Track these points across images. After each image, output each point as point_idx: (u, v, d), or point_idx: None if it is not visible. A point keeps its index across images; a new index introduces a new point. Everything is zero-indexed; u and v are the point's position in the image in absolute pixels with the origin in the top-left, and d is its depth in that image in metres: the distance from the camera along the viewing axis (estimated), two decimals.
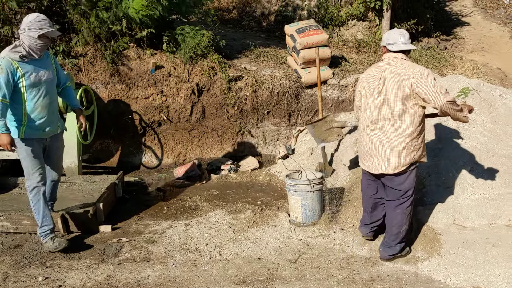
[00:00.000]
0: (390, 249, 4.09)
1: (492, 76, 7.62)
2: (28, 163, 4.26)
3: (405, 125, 3.81)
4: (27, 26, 4.01)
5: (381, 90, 3.86)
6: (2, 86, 3.97)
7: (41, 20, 4.05)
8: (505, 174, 4.84)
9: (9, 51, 4.08)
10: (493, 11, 10.63)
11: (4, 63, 4.01)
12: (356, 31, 8.52)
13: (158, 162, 6.74)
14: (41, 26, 4.03)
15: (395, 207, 4.03)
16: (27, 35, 4.02)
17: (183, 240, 4.56)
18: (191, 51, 6.56)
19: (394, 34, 3.91)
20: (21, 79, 4.07)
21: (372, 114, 3.93)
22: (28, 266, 4.12)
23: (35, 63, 4.16)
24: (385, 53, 3.99)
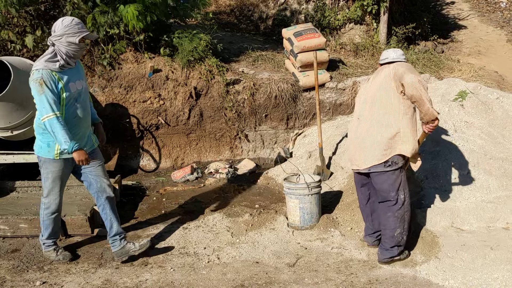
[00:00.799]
0: (387, 252, 4.08)
1: (489, 79, 7.64)
2: (49, 185, 4.07)
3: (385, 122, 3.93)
4: (65, 32, 3.74)
5: (366, 90, 4.09)
6: (51, 100, 3.68)
7: (78, 23, 3.80)
8: (503, 177, 4.85)
9: (46, 61, 3.78)
10: (490, 15, 10.68)
11: (45, 76, 3.70)
12: (353, 34, 8.54)
13: (156, 166, 6.73)
14: (80, 30, 3.79)
15: (386, 210, 4.02)
16: (64, 41, 3.76)
17: (181, 244, 4.55)
18: (189, 55, 6.57)
19: (387, 52, 4.11)
20: (62, 91, 3.79)
21: (357, 111, 4.15)
22: (26, 270, 4.10)
23: (71, 72, 3.91)
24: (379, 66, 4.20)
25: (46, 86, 3.68)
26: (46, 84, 3.68)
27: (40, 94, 3.68)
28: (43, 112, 3.70)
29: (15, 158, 5.80)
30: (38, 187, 5.55)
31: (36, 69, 3.75)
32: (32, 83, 3.72)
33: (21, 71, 5.37)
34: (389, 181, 3.94)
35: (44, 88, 3.68)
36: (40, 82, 3.68)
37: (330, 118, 7.02)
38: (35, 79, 3.71)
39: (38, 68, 3.75)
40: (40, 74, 3.71)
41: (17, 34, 6.21)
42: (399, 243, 4.06)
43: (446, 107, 5.60)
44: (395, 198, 3.96)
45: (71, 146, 3.74)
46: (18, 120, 5.52)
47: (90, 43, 6.44)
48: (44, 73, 3.71)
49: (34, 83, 3.71)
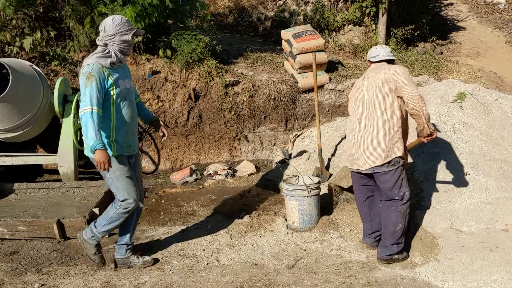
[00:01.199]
0: (386, 249, 4.10)
1: (488, 80, 7.65)
2: (123, 182, 3.88)
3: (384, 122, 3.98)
4: (118, 30, 3.71)
5: (363, 90, 4.09)
6: (95, 94, 3.59)
7: (127, 21, 3.78)
8: (502, 178, 4.85)
9: (98, 57, 3.73)
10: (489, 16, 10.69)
11: (94, 70, 3.65)
12: (352, 36, 8.54)
13: (155, 168, 6.73)
14: (130, 27, 3.77)
15: (389, 205, 4.07)
16: (118, 40, 3.72)
17: (180, 246, 4.54)
18: (188, 57, 6.57)
19: (376, 49, 4.18)
20: (112, 87, 3.73)
21: (356, 112, 4.14)
22: (24, 273, 4.09)
23: (120, 70, 3.85)
24: (369, 66, 4.25)
25: (93, 80, 3.61)
26: (94, 78, 3.62)
27: (86, 87, 3.61)
28: (82, 104, 3.62)
29: (14, 160, 5.80)
30: (37, 189, 5.54)
31: (87, 64, 3.70)
32: (81, 77, 3.67)
33: (19, 73, 5.37)
34: (393, 180, 4.00)
35: (91, 82, 3.61)
36: (88, 76, 3.61)
37: (329, 120, 7.02)
38: (84, 72, 3.66)
39: (88, 63, 3.70)
40: (90, 68, 3.66)
41: (15, 36, 6.21)
42: (399, 240, 4.08)
43: (445, 108, 5.60)
44: (400, 196, 4.02)
45: (95, 144, 3.57)
46: (16, 122, 5.52)
47: (89, 45, 6.44)
48: (94, 68, 3.66)
49: (82, 76, 3.65)
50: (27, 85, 5.48)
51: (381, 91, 3.94)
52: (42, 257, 4.32)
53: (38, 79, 5.65)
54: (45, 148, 6.42)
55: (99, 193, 5.27)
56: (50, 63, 6.35)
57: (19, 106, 5.44)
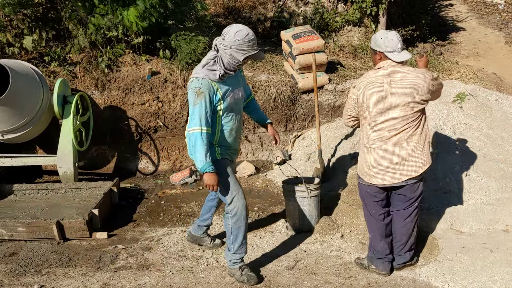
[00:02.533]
0: (400, 257, 3.99)
1: (487, 81, 7.64)
2: (230, 183, 3.74)
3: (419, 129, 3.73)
4: (233, 45, 3.47)
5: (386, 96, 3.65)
6: (204, 113, 3.48)
7: (250, 41, 3.49)
8: (502, 179, 4.84)
9: (208, 69, 3.53)
10: (488, 17, 10.69)
11: (204, 85, 3.48)
12: (352, 36, 8.53)
13: (155, 168, 6.72)
14: (248, 48, 3.50)
15: (404, 216, 3.89)
16: (229, 54, 3.50)
17: (179, 247, 4.54)
18: (187, 57, 6.55)
19: (392, 40, 3.62)
20: (220, 102, 3.59)
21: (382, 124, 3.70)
22: (23, 274, 4.08)
23: (231, 80, 3.66)
24: (381, 60, 3.72)
25: (202, 98, 3.47)
26: (203, 95, 3.47)
27: (194, 105, 3.48)
28: (191, 123, 3.53)
29: (13, 161, 5.80)
30: (37, 190, 5.53)
31: (196, 78, 3.54)
32: (190, 92, 3.53)
33: (19, 74, 5.37)
34: (421, 188, 3.83)
35: (200, 100, 3.46)
36: (198, 92, 3.46)
37: (329, 120, 7.01)
38: (194, 88, 3.51)
39: (198, 77, 3.53)
40: (200, 84, 3.50)
41: (15, 37, 6.20)
42: (412, 246, 3.99)
43: (445, 109, 5.59)
44: (419, 203, 3.90)
45: (205, 167, 3.51)
46: (16, 124, 5.52)
47: (89, 46, 6.43)
48: (203, 83, 3.49)
49: (192, 92, 3.51)
50: (27, 86, 5.47)
51: (415, 99, 3.62)
52: (42, 258, 4.32)
53: (37, 80, 5.64)
54: (44, 149, 6.41)
55: (99, 194, 5.26)
56: (50, 64, 6.34)
57: (18, 107, 5.44)
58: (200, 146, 3.49)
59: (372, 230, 3.99)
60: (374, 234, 3.97)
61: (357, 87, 3.80)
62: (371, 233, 4.00)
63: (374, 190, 3.87)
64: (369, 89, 3.69)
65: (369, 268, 4.00)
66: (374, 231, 3.97)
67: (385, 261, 3.95)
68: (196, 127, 3.49)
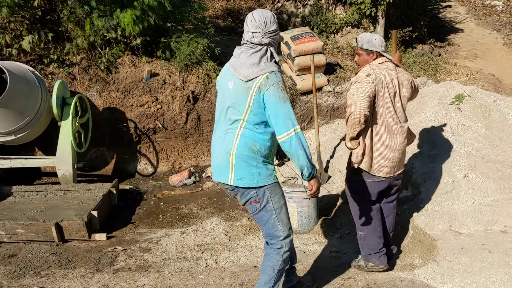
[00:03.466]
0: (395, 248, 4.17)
1: (486, 82, 7.66)
2: (286, 213, 3.23)
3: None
4: (277, 26, 3.05)
5: (399, 93, 3.76)
6: (293, 109, 2.99)
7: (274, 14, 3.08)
8: (500, 180, 4.85)
9: (275, 63, 3.06)
10: (486, 18, 10.71)
11: (282, 80, 2.99)
12: (350, 38, 8.54)
13: (153, 170, 6.72)
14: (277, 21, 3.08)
15: (394, 207, 4.07)
16: (278, 37, 3.08)
17: (178, 248, 4.54)
18: (186, 59, 6.56)
19: (382, 41, 3.79)
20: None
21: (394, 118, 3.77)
22: (23, 276, 4.08)
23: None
24: (379, 57, 3.80)
25: (287, 92, 3.01)
26: (286, 91, 3.00)
27: (285, 101, 2.94)
28: (288, 124, 2.93)
29: (12, 163, 5.80)
30: (36, 192, 5.54)
31: (272, 71, 2.97)
32: (275, 88, 2.93)
33: (18, 76, 5.37)
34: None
35: (287, 95, 2.98)
36: (283, 87, 2.95)
37: (328, 122, 7.03)
38: (277, 82, 2.95)
39: (273, 70, 2.98)
40: (280, 77, 2.99)
41: (13, 39, 6.20)
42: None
43: (444, 110, 5.60)
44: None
45: (315, 172, 3.04)
46: (14, 125, 5.52)
47: (87, 48, 6.44)
48: (281, 77, 3.00)
49: (276, 87, 2.93)
50: (26, 88, 5.47)
51: (406, 95, 3.81)
52: (41, 260, 4.32)
53: (36, 82, 5.65)
54: (43, 150, 6.41)
55: (98, 195, 5.27)
56: (48, 65, 6.35)
57: (17, 109, 5.44)
58: (307, 146, 3.02)
59: (367, 227, 3.95)
60: (369, 230, 3.94)
61: (372, 82, 3.64)
62: (365, 230, 3.96)
63: (383, 185, 3.87)
64: (383, 84, 3.69)
65: (367, 267, 4.00)
66: (369, 228, 3.94)
67: (381, 254, 3.96)
68: (297, 125, 2.96)
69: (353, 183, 3.95)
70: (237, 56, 3.14)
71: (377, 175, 3.82)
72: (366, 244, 3.97)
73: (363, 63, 3.82)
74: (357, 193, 3.95)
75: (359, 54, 3.83)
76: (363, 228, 3.97)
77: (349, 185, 4.00)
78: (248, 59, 3.04)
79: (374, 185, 3.86)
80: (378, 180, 3.84)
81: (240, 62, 3.07)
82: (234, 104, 3.04)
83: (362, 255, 4.05)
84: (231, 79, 3.08)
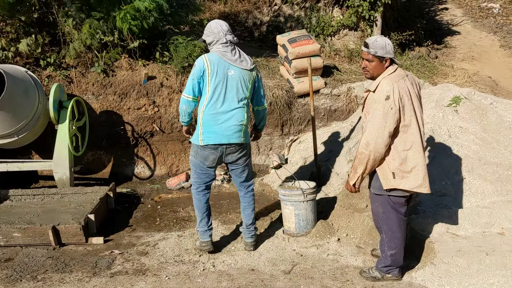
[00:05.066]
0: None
1: (483, 84, 7.68)
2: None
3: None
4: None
5: (419, 98, 3.65)
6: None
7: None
8: (497, 182, 4.86)
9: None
10: (483, 20, 10.74)
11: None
12: (347, 40, 8.56)
13: (151, 173, 6.71)
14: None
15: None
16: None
17: (176, 252, 4.53)
18: (184, 61, 6.56)
19: (392, 47, 3.58)
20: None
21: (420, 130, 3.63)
22: (19, 280, 4.06)
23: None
24: (391, 65, 3.60)
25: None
26: None
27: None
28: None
29: (9, 166, 5.78)
30: (32, 195, 5.52)
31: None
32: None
33: (15, 78, 5.35)
34: None
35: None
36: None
37: (325, 124, 7.03)
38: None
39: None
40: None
41: (10, 42, 6.20)
42: None
43: (441, 112, 5.61)
44: None
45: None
46: (11, 129, 5.50)
47: (84, 51, 6.43)
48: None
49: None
50: (23, 91, 5.46)
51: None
52: (37, 264, 4.30)
53: (33, 85, 5.63)
54: (40, 154, 6.40)
55: (95, 199, 5.25)
56: (45, 68, 6.34)
57: (14, 112, 5.42)
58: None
59: (397, 245, 3.80)
60: (399, 248, 3.82)
61: (398, 96, 3.47)
62: (395, 249, 3.80)
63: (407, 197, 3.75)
64: (406, 98, 3.52)
65: (384, 278, 3.89)
66: (399, 245, 3.81)
67: (400, 268, 3.92)
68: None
69: (392, 198, 3.73)
70: (226, 52, 4.13)
71: (418, 188, 3.63)
72: (394, 261, 3.85)
73: (374, 71, 3.59)
74: (391, 210, 3.74)
75: (369, 60, 3.56)
76: (393, 247, 3.82)
77: (382, 203, 3.77)
78: (237, 54, 4.18)
79: (402, 198, 3.72)
80: (419, 191, 3.68)
81: (234, 57, 4.15)
82: (242, 87, 4.15)
83: (379, 267, 3.92)
84: (231, 68, 4.11)
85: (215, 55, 4.11)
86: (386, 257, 3.87)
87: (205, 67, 4.07)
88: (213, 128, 4.11)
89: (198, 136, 4.17)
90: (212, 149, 4.16)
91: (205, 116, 4.12)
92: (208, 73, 4.07)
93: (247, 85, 4.18)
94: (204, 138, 4.13)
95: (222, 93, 4.09)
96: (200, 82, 4.11)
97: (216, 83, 4.08)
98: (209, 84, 4.08)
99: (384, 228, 3.82)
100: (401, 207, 3.74)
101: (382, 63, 3.56)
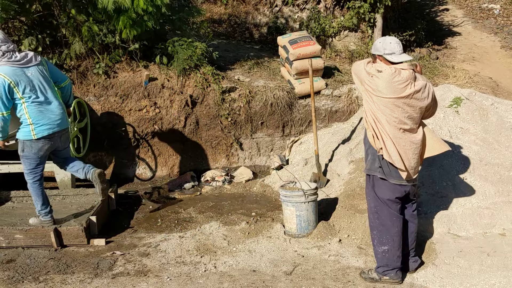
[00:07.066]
0: (414, 263, 4.01)
1: (483, 85, 7.68)
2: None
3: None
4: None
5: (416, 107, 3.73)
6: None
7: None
8: (499, 183, 4.86)
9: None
10: (484, 21, 10.75)
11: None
12: (348, 41, 8.57)
13: (152, 174, 6.72)
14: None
15: (414, 213, 3.99)
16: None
17: (177, 253, 4.53)
18: (184, 63, 6.57)
19: (390, 43, 3.66)
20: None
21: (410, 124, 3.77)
22: (21, 281, 4.07)
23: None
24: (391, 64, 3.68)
25: None
26: None
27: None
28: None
29: (11, 168, 5.79)
30: None
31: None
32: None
33: None
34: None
35: None
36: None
37: (326, 125, 7.04)
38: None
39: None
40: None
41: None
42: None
43: (441, 113, 5.61)
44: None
45: None
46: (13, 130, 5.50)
47: (85, 53, 6.44)
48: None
49: None
50: None
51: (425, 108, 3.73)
52: (39, 265, 4.31)
53: None
54: None
55: (96, 200, 5.26)
56: None
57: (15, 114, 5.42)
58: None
59: (388, 242, 3.82)
60: (390, 246, 3.82)
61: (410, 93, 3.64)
62: (387, 245, 3.83)
63: (403, 190, 3.82)
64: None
65: (382, 280, 3.87)
66: (391, 243, 3.82)
67: (398, 270, 3.88)
68: None
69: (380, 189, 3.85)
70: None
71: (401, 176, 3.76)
72: (388, 260, 3.85)
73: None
74: (379, 202, 3.85)
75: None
76: (384, 243, 3.85)
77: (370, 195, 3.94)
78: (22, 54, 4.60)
79: (391, 191, 3.81)
80: (400, 184, 3.78)
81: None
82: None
83: (377, 269, 3.92)
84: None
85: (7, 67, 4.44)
86: (377, 254, 3.91)
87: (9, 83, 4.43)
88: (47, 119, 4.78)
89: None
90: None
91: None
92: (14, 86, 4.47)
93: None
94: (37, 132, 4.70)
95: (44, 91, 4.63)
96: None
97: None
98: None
99: (376, 222, 3.90)
100: (392, 202, 3.81)
101: (374, 61, 3.79)
